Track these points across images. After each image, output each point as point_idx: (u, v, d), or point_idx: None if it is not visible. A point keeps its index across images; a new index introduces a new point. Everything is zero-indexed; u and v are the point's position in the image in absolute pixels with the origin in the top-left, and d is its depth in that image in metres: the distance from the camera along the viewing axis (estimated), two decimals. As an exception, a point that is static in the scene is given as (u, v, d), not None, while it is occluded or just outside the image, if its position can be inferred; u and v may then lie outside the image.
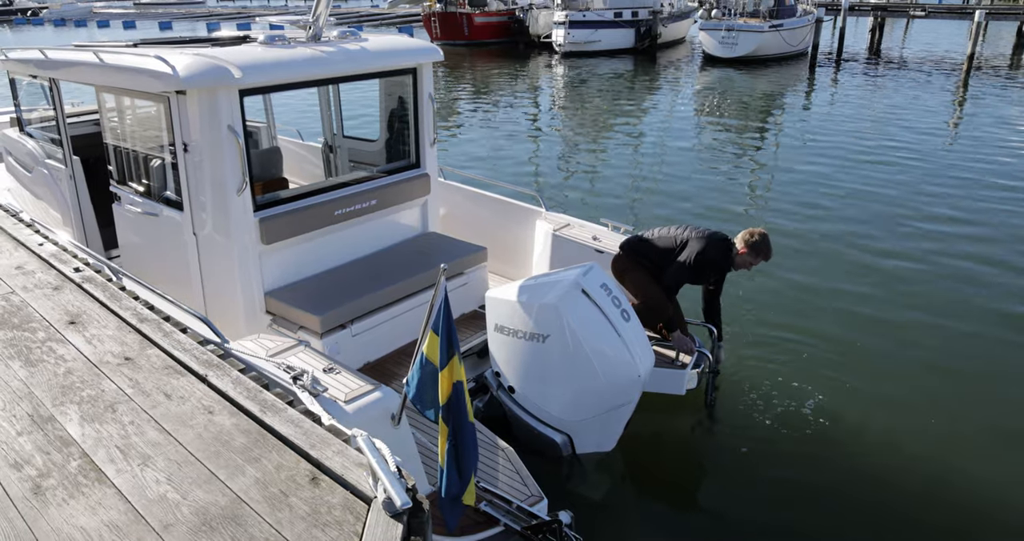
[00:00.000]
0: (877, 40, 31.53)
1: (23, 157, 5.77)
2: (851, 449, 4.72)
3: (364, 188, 4.80)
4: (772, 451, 4.69)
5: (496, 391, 4.29)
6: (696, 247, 4.61)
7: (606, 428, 4.18)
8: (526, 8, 33.16)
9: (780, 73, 23.58)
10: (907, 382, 5.55)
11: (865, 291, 7.10)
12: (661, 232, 4.84)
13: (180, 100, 4.03)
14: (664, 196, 10.39)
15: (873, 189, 10.48)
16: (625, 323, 3.97)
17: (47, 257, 4.17)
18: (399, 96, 5.18)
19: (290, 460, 2.43)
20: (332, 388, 3.00)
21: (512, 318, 3.99)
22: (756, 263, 4.67)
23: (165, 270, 4.64)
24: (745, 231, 4.69)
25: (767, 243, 4.63)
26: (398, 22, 42.30)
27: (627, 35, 29.54)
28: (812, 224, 9.06)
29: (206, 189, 4.17)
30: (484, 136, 14.73)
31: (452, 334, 2.60)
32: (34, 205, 5.77)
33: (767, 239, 4.64)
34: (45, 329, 3.36)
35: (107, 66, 4.40)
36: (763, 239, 4.62)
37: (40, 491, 2.35)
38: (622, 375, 3.93)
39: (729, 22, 25.97)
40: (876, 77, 22.39)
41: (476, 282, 5.09)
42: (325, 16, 4.63)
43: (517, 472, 3.61)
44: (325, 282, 4.53)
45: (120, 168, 4.79)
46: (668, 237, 4.77)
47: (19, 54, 5.43)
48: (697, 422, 5.01)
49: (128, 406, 2.76)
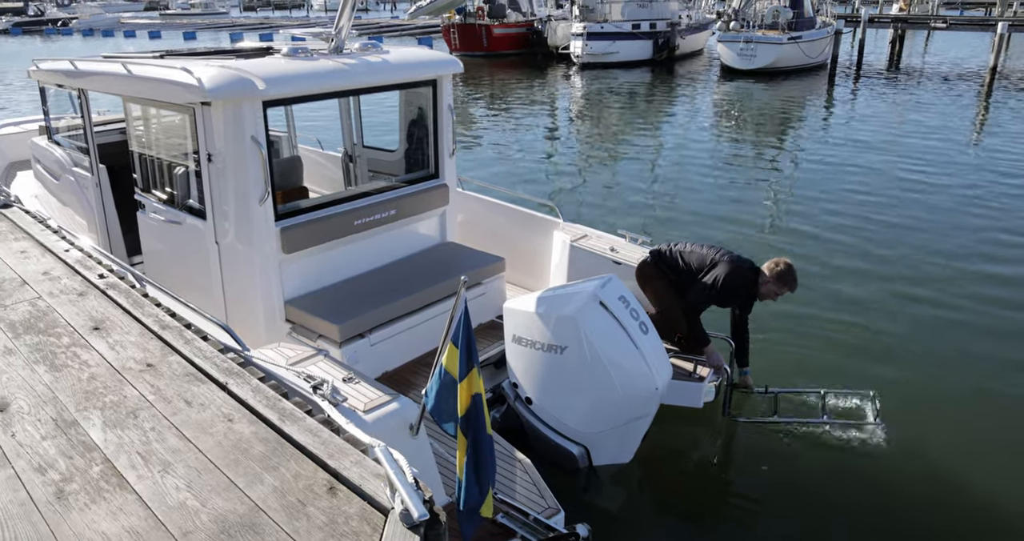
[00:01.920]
0: (897, 52, 31.31)
1: (51, 164, 5.87)
2: (873, 467, 4.64)
3: (384, 198, 4.84)
4: (790, 467, 4.63)
5: (513, 402, 4.28)
6: (723, 271, 4.61)
7: (623, 440, 4.16)
8: (544, 20, 33.32)
9: (799, 85, 23.47)
10: (935, 399, 5.44)
11: (887, 307, 7.02)
12: (693, 248, 4.84)
13: (205, 111, 4.09)
14: (681, 208, 10.36)
15: (894, 204, 10.38)
16: (643, 335, 3.96)
17: (72, 263, 4.24)
18: (419, 107, 5.22)
19: (308, 469, 2.44)
20: (351, 398, 3.01)
21: (530, 329, 3.98)
22: (782, 293, 4.69)
23: (187, 277, 4.69)
24: (771, 261, 4.71)
25: (792, 273, 4.65)
26: (418, 33, 42.60)
27: (645, 47, 29.57)
28: (831, 237, 8.97)
29: (229, 198, 4.22)
30: (502, 146, 14.78)
31: (472, 346, 2.61)
32: (61, 212, 5.87)
33: (792, 269, 4.65)
34: (70, 334, 3.41)
35: (134, 77, 4.47)
36: (788, 269, 4.64)
37: (63, 495, 2.37)
38: (640, 387, 3.91)
39: (748, 34, 25.91)
40: (896, 90, 22.20)
41: (494, 292, 5.10)
42: (348, 28, 4.68)
43: (534, 484, 3.60)
44: (344, 291, 4.55)
45: (145, 176, 4.86)
46: (699, 255, 4.77)
47: (50, 65, 5.54)
48: (715, 435, 4.97)
49: (149, 412, 2.79)
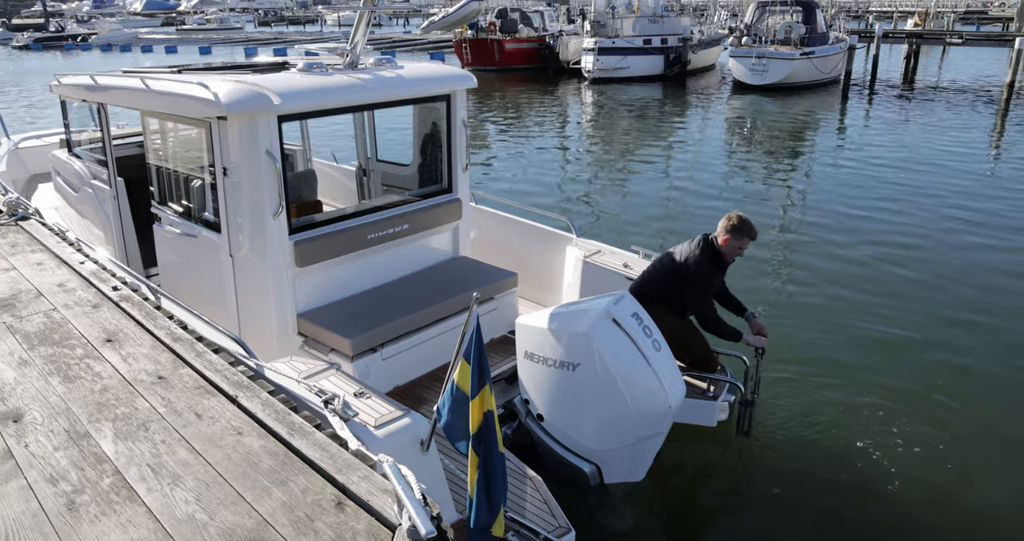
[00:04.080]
0: (912, 68, 31.20)
1: (70, 177, 5.94)
2: (892, 494, 4.54)
3: (397, 213, 4.85)
4: (807, 488, 4.55)
5: (525, 418, 4.25)
6: (691, 268, 4.54)
7: (636, 459, 4.11)
8: (556, 35, 33.54)
9: (811, 101, 23.43)
10: (963, 419, 5.29)
11: (904, 322, 6.93)
12: (653, 270, 4.76)
13: (221, 125, 4.13)
14: (694, 223, 10.32)
15: (908, 221, 10.30)
16: (656, 353, 3.92)
17: (87, 275, 4.27)
18: (432, 122, 5.24)
19: (316, 484, 2.43)
20: (362, 413, 3.00)
21: (542, 346, 3.96)
22: (744, 245, 4.60)
23: (202, 290, 4.72)
24: (723, 219, 4.63)
25: (746, 223, 4.55)
26: (430, 48, 42.95)
27: (656, 62, 29.67)
28: (845, 254, 8.91)
29: (243, 212, 4.25)
30: (514, 161, 14.83)
31: (484, 363, 2.59)
32: (79, 223, 5.93)
33: (744, 219, 4.57)
34: (83, 346, 3.42)
35: (152, 92, 4.53)
36: (740, 220, 4.55)
37: (74, 507, 2.38)
38: (652, 406, 3.88)
39: (760, 49, 25.94)
40: (911, 106, 22.12)
41: (506, 307, 5.08)
42: (362, 44, 4.73)
43: (545, 502, 3.56)
44: (357, 305, 4.56)
45: (161, 189, 4.91)
46: (662, 271, 4.69)
47: (71, 79, 5.63)
48: (728, 455, 4.90)
49: (160, 425, 2.79)
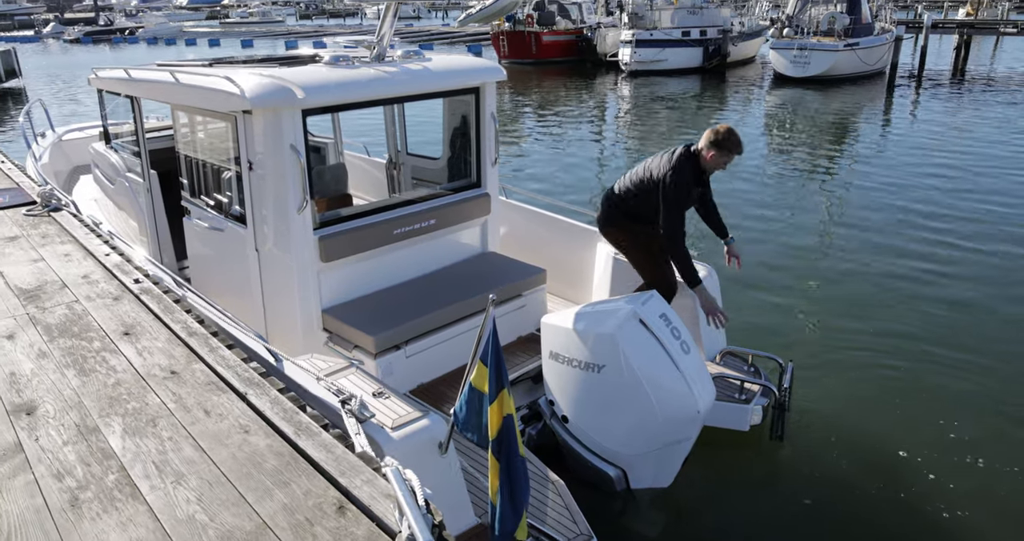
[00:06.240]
0: (962, 59, 30.08)
1: (107, 169, 6.01)
2: (937, 510, 4.29)
3: (424, 207, 4.76)
4: (842, 498, 4.35)
5: (549, 419, 4.13)
6: (667, 180, 4.32)
7: (663, 464, 3.96)
8: (594, 27, 33.16)
9: (855, 94, 22.69)
10: (1017, 429, 5.01)
11: (955, 324, 6.60)
12: (630, 178, 4.59)
13: (246, 119, 4.10)
14: (732, 221, 9.99)
15: (962, 221, 9.84)
16: (685, 356, 3.75)
17: (111, 267, 4.27)
18: (462, 115, 5.13)
19: (319, 486, 2.35)
20: (380, 413, 2.92)
21: (567, 346, 3.83)
22: (729, 160, 4.39)
23: (229, 283, 4.71)
24: (708, 132, 4.39)
25: (732, 137, 4.31)
26: (467, 40, 42.90)
27: (695, 54, 29.10)
28: (892, 256, 8.55)
29: (268, 206, 4.21)
30: (548, 155, 14.66)
31: (501, 366, 2.48)
32: (116, 215, 6.00)
33: (732, 132, 4.33)
34: (101, 339, 3.40)
35: (181, 85, 4.53)
36: (728, 134, 4.31)
37: (77, 503, 2.34)
38: (680, 410, 3.72)
39: (802, 41, 25.20)
40: (960, 98, 21.28)
41: (534, 304, 4.95)
42: (389, 36, 4.63)
43: (567, 507, 3.43)
44: (382, 301, 4.48)
45: (191, 182, 4.91)
46: (637, 184, 4.51)
47: (107, 73, 5.68)
48: (761, 461, 4.70)
49: (168, 421, 2.74)
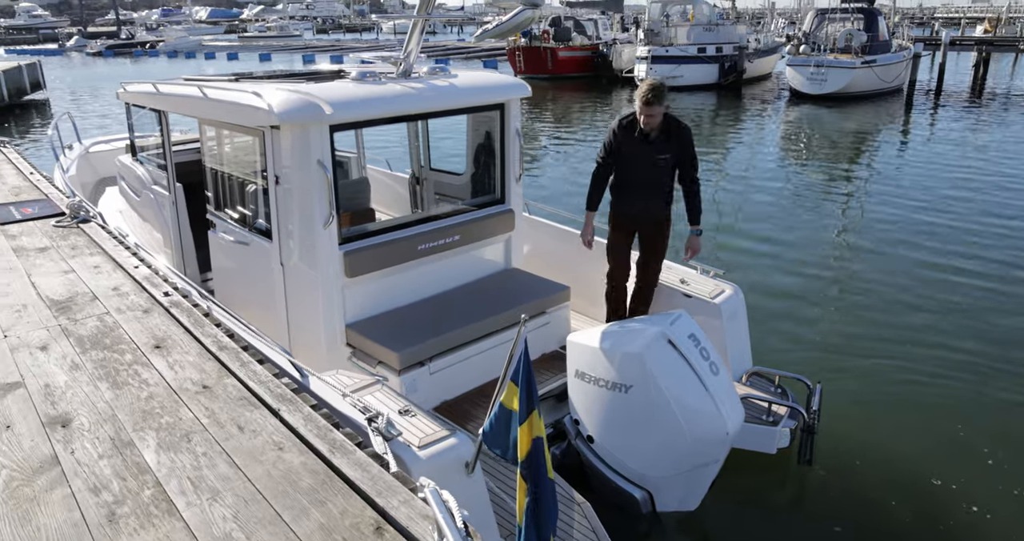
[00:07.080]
0: (981, 76, 29.93)
1: (133, 181, 6.08)
2: (968, 536, 4.19)
3: (448, 223, 4.77)
4: (871, 526, 4.25)
5: (575, 439, 4.10)
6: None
7: (690, 486, 3.91)
8: (610, 43, 33.33)
9: (872, 111, 22.60)
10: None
11: (988, 345, 6.49)
12: None
13: (274, 134, 4.13)
14: (748, 237, 9.98)
15: (978, 239, 9.75)
16: (713, 376, 3.72)
17: (140, 280, 4.31)
18: (486, 131, 5.15)
19: (356, 506, 2.34)
20: (407, 432, 2.90)
21: (594, 365, 3.81)
22: (648, 113, 4.59)
23: (254, 297, 4.73)
24: None
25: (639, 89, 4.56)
26: (483, 56, 43.14)
27: (710, 71, 29.15)
28: (916, 273, 8.47)
29: (294, 220, 4.23)
30: (566, 170, 14.66)
31: (532, 387, 2.47)
32: (141, 227, 6.06)
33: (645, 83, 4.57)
34: (132, 352, 3.42)
35: (209, 100, 4.57)
36: (640, 86, 4.58)
37: (114, 519, 2.34)
38: (708, 432, 3.68)
39: (818, 58, 25.18)
40: (979, 116, 21.14)
41: (558, 322, 4.94)
42: (416, 52, 4.67)
43: (593, 530, 3.40)
44: (406, 317, 4.48)
45: (217, 196, 4.95)
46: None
47: (135, 87, 5.77)
48: (788, 485, 4.63)
49: (202, 436, 2.74)
